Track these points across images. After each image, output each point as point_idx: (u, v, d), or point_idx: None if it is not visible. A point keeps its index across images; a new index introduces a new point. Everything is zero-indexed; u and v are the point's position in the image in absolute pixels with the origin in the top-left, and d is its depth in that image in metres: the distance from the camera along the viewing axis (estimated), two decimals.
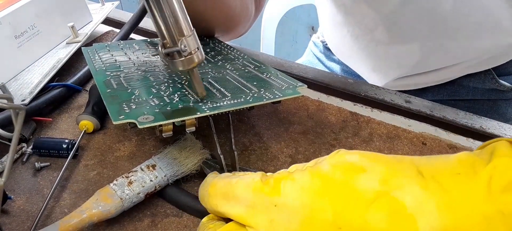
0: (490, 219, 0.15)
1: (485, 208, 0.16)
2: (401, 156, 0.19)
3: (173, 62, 0.27)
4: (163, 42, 0.26)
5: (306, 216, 0.18)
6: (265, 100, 0.28)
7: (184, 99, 0.28)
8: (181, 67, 0.26)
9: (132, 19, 0.45)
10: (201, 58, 0.27)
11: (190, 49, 0.26)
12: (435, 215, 0.16)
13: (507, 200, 0.16)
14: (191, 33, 0.26)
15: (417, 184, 0.17)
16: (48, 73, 0.38)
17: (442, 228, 0.16)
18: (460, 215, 0.16)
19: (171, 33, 0.26)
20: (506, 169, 0.16)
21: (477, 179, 0.16)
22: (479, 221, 0.16)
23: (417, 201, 0.17)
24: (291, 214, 0.19)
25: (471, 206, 0.16)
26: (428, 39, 0.45)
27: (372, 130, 0.35)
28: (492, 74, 0.49)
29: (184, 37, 0.26)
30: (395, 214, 0.17)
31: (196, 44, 0.26)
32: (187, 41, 0.26)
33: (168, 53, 0.26)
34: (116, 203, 0.25)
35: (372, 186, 0.18)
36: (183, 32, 0.26)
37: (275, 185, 0.20)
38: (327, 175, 0.19)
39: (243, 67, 0.35)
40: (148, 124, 0.24)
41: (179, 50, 0.26)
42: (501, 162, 0.16)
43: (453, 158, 0.18)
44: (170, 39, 0.26)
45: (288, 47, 1.42)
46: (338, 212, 0.18)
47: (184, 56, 0.26)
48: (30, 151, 0.31)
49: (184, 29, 0.26)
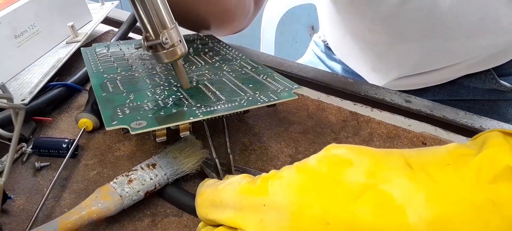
0: (480, 209, 0.15)
1: (475, 197, 0.16)
2: (390, 149, 0.19)
3: (157, 55, 0.27)
4: (146, 35, 0.27)
5: (295, 213, 0.18)
6: (260, 104, 0.28)
7: (179, 103, 0.28)
8: (165, 59, 0.27)
9: (130, 19, 0.45)
10: (184, 51, 0.28)
11: (172, 42, 0.26)
12: (424, 206, 0.16)
13: (498, 189, 0.15)
14: (173, 26, 0.27)
15: (405, 176, 0.17)
16: (48, 73, 0.38)
17: (432, 219, 0.16)
18: (449, 205, 0.16)
19: (153, 26, 0.26)
20: (496, 158, 0.16)
21: (466, 169, 0.16)
22: (469, 210, 0.15)
23: (406, 192, 0.16)
24: (280, 212, 0.19)
25: (461, 196, 0.16)
26: (427, 39, 0.45)
27: (372, 129, 0.35)
28: (493, 74, 0.49)
29: (166, 30, 0.26)
30: (383, 206, 0.16)
31: (179, 37, 0.27)
32: (169, 33, 0.26)
33: (151, 46, 0.27)
34: (115, 200, 0.25)
35: (360, 179, 0.18)
36: (165, 25, 0.26)
37: (262, 185, 0.20)
38: (314, 170, 0.19)
39: (240, 68, 0.35)
40: (141, 130, 0.24)
41: (160, 42, 0.26)
42: (491, 152, 0.16)
43: (443, 149, 0.18)
44: (153, 32, 0.26)
45: (288, 47, 1.42)
46: (325, 207, 0.17)
47: (166, 49, 0.26)
48: (30, 151, 0.31)
49: (166, 22, 0.26)
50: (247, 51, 0.48)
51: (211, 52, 0.39)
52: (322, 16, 0.61)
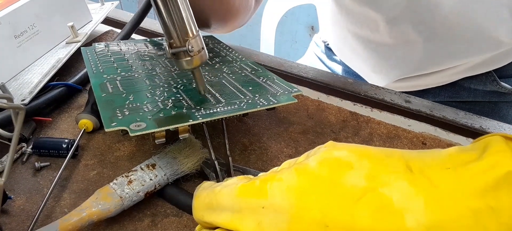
0: (479, 214, 0.15)
1: (474, 203, 0.15)
2: (391, 150, 0.19)
3: (178, 61, 0.28)
4: (170, 42, 0.27)
5: (294, 216, 0.18)
6: (259, 107, 0.28)
7: (178, 105, 0.28)
8: (186, 66, 0.28)
9: (134, 19, 0.45)
10: (205, 58, 0.28)
11: (196, 50, 0.27)
12: (423, 211, 0.16)
13: (497, 195, 0.15)
14: (197, 34, 0.27)
15: (405, 180, 0.17)
16: (48, 73, 0.38)
17: (430, 224, 0.16)
18: (448, 210, 0.16)
19: (178, 34, 0.27)
20: (497, 164, 0.16)
21: (467, 174, 0.16)
22: (467, 216, 0.15)
23: (405, 196, 0.16)
24: (278, 215, 0.18)
25: (460, 202, 0.16)
26: (429, 41, 0.45)
27: (372, 129, 0.35)
28: (493, 76, 0.49)
29: (190, 38, 0.27)
30: (382, 210, 0.16)
31: (201, 44, 0.28)
32: (193, 41, 0.27)
33: (175, 53, 0.27)
34: (115, 201, 0.25)
35: (360, 183, 0.17)
36: (189, 34, 0.27)
37: (261, 187, 0.20)
38: (314, 173, 0.19)
39: (240, 70, 0.35)
40: (140, 132, 0.24)
41: (186, 50, 0.27)
42: (493, 158, 0.16)
43: (444, 153, 0.18)
44: (177, 39, 0.27)
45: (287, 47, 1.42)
46: (325, 210, 0.17)
47: (190, 56, 0.27)
48: (30, 151, 0.31)
49: (190, 31, 0.27)
50: (247, 51, 0.48)
51: (211, 53, 0.39)
52: (322, 16, 0.61)
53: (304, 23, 1.34)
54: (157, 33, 0.51)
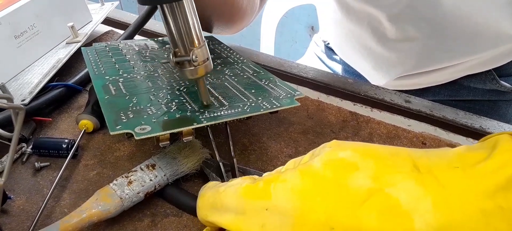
0: (489, 215, 0.15)
1: (483, 203, 0.15)
2: (398, 149, 0.18)
3: (182, 70, 0.27)
4: (175, 51, 0.27)
5: (298, 218, 0.18)
6: (263, 111, 0.28)
7: (182, 108, 0.28)
8: (189, 76, 0.27)
9: (138, 21, 0.44)
10: (210, 68, 0.27)
11: (200, 60, 0.26)
12: (431, 212, 0.15)
13: (508, 195, 0.15)
14: (203, 44, 0.26)
15: (412, 179, 0.16)
16: (48, 73, 0.38)
17: (439, 225, 0.15)
18: (457, 211, 0.15)
19: (183, 43, 0.26)
20: (507, 163, 0.16)
21: (476, 174, 0.16)
22: (477, 217, 0.15)
23: (413, 197, 0.16)
24: (282, 217, 0.18)
25: (469, 202, 0.15)
26: (430, 38, 0.45)
27: (372, 129, 0.35)
28: (493, 75, 0.49)
29: (195, 48, 0.26)
30: (389, 212, 0.16)
31: (207, 55, 0.27)
32: (198, 51, 0.26)
33: (179, 62, 0.26)
34: (115, 202, 0.25)
35: (365, 183, 0.17)
36: (195, 43, 0.26)
37: (265, 188, 0.19)
38: (318, 174, 0.18)
39: (241, 72, 0.35)
40: (145, 135, 0.24)
41: (190, 59, 0.26)
42: (502, 157, 0.16)
43: (451, 152, 0.17)
44: (183, 48, 0.26)
45: (287, 47, 1.43)
46: (330, 213, 0.17)
47: (194, 66, 0.26)
48: (30, 151, 0.31)
49: (196, 40, 0.26)
50: (247, 51, 0.48)
51: (212, 55, 0.39)
52: (323, 15, 0.61)
53: (304, 23, 1.34)
54: (159, 34, 0.51)
